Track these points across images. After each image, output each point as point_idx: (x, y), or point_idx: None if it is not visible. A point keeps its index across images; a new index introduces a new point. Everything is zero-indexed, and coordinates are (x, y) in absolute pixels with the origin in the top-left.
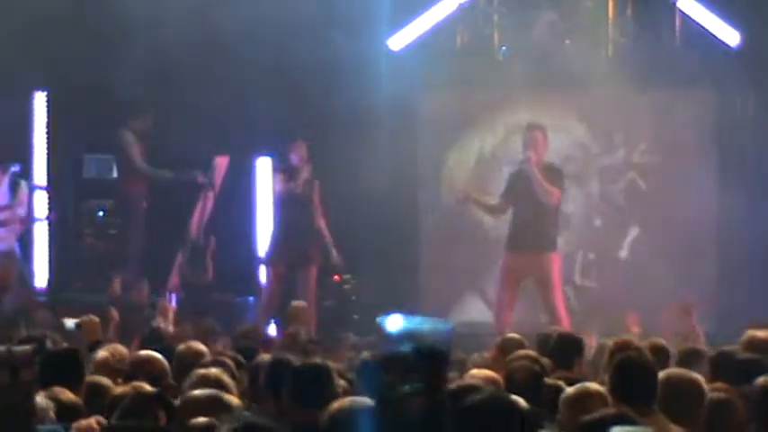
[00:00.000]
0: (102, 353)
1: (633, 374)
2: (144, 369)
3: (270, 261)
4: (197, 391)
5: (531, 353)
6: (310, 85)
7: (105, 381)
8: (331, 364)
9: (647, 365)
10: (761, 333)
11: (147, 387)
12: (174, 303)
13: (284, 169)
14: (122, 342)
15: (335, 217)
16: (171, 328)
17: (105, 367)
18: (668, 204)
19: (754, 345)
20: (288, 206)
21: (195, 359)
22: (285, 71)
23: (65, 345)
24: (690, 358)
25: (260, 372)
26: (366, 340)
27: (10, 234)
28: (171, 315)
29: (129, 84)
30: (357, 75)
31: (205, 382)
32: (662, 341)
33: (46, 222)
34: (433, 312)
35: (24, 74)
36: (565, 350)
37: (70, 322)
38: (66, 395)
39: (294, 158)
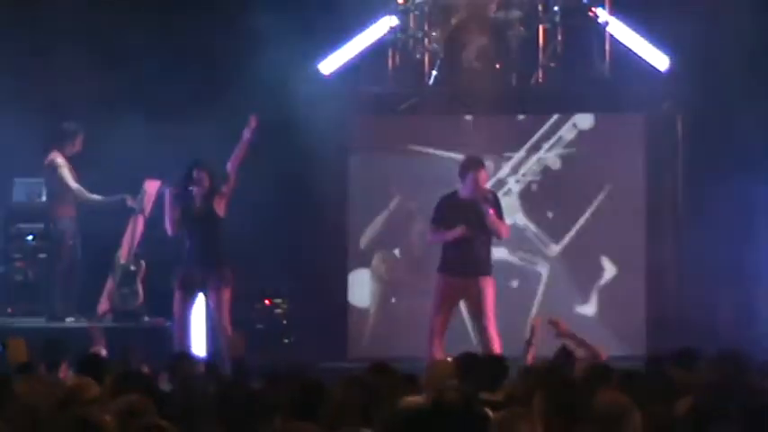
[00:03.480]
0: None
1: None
2: (78, 395)
3: (180, 285)
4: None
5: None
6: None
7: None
8: None
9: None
10: None
11: None
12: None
13: (180, 194)
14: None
15: (265, 240)
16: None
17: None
18: (594, 229)
19: None
20: (193, 228)
21: None
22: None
23: None
24: None
25: (196, 395)
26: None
27: None
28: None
29: (60, 106)
30: (287, 98)
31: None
32: (603, 362)
33: None
34: (360, 337)
35: None
36: (489, 372)
37: None
38: None
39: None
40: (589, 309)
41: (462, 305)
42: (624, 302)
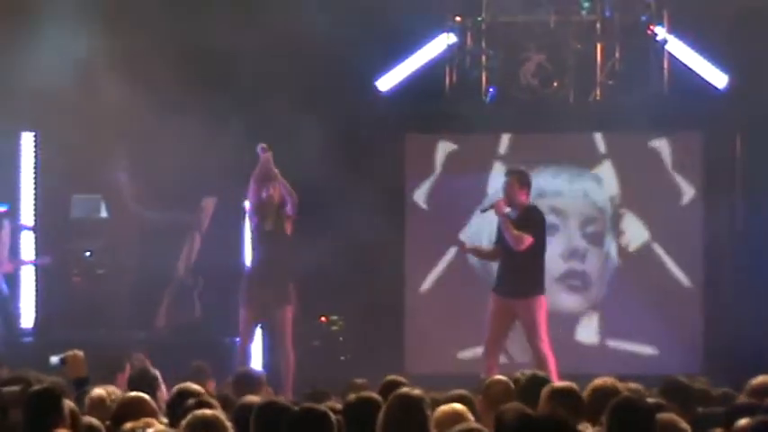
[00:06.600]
0: (97, 391)
1: (633, 418)
2: (133, 410)
3: (244, 302)
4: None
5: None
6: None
7: (97, 422)
8: None
9: (648, 408)
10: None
11: None
12: None
13: (255, 207)
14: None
15: (322, 258)
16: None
17: (100, 407)
18: (651, 248)
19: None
20: (262, 244)
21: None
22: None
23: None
24: None
25: (247, 414)
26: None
27: None
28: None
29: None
30: (345, 115)
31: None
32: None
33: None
34: (418, 354)
35: (12, 114)
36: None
37: (55, 358)
38: None
39: (264, 196)
40: (645, 327)
41: None
42: (682, 322)
